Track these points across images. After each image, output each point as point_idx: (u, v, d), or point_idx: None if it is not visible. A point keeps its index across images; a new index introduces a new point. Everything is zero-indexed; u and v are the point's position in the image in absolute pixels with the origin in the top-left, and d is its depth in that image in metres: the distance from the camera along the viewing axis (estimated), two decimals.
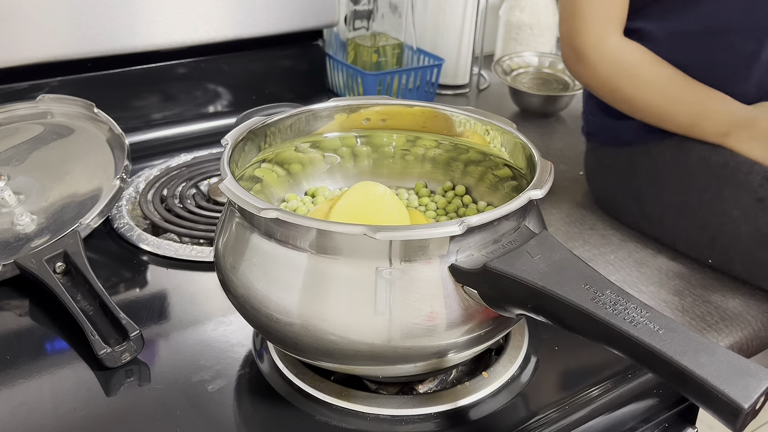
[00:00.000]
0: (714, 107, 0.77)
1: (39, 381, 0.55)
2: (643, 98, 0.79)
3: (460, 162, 0.62)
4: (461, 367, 0.56)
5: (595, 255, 0.83)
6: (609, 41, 0.79)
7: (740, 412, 0.34)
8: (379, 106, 0.61)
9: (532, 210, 0.50)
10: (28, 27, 0.83)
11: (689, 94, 0.78)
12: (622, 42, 0.80)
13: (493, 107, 1.19)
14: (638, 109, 0.81)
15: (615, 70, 0.80)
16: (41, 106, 0.81)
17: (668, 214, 0.81)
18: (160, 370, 0.56)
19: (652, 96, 0.79)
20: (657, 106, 0.79)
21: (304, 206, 0.60)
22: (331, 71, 1.12)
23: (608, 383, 0.55)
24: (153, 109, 0.96)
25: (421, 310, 0.45)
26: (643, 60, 0.79)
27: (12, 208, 0.70)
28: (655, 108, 0.79)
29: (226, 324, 0.60)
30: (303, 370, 0.54)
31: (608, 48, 0.79)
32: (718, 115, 0.77)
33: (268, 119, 0.57)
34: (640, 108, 0.80)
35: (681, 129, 0.79)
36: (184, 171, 0.85)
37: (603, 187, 0.90)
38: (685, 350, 0.36)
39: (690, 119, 0.78)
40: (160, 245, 0.71)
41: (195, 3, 0.92)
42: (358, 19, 1.09)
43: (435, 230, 0.43)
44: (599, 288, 0.41)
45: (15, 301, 0.64)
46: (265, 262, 0.47)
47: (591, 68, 0.80)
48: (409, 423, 0.51)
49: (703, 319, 0.74)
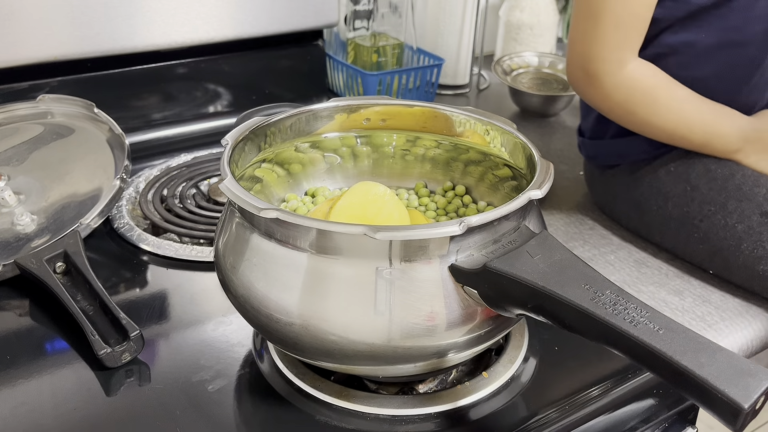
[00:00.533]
0: (725, 126, 0.77)
1: (39, 381, 0.55)
2: (657, 121, 0.77)
3: (460, 162, 0.62)
4: (461, 367, 0.56)
5: (595, 255, 0.83)
6: (627, 67, 0.76)
7: (740, 412, 0.34)
8: (379, 106, 0.61)
9: (532, 210, 0.50)
10: (28, 27, 0.83)
11: (702, 114, 0.77)
12: (639, 66, 0.77)
13: (493, 107, 1.19)
14: (651, 131, 0.79)
15: (631, 95, 0.77)
16: (41, 106, 0.81)
17: (669, 225, 0.81)
18: (160, 370, 0.56)
19: (667, 118, 0.77)
20: (672, 128, 0.78)
21: (304, 206, 0.60)
22: (331, 71, 1.12)
23: (608, 383, 0.55)
24: (153, 109, 0.96)
25: (421, 310, 0.45)
26: (659, 84, 0.77)
27: (12, 208, 0.70)
28: (669, 129, 0.78)
29: (226, 324, 0.60)
30: (303, 370, 0.54)
31: (626, 74, 0.76)
32: (729, 133, 0.77)
33: (268, 119, 0.57)
34: (654, 129, 0.79)
35: (693, 147, 0.79)
36: (184, 171, 0.85)
37: (603, 193, 0.90)
38: (685, 350, 0.36)
39: (703, 139, 0.77)
40: (160, 245, 0.71)
41: (195, 3, 0.92)
42: (358, 19, 1.09)
43: (435, 230, 0.43)
44: (599, 288, 0.41)
45: (15, 301, 0.64)
46: (265, 262, 0.47)
47: (605, 93, 0.78)
48: (409, 423, 0.51)
49: (703, 319, 0.74)
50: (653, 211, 0.82)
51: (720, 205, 0.76)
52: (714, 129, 0.77)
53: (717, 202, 0.77)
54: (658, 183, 0.82)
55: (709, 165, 0.79)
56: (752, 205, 0.74)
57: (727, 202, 0.76)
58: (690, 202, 0.79)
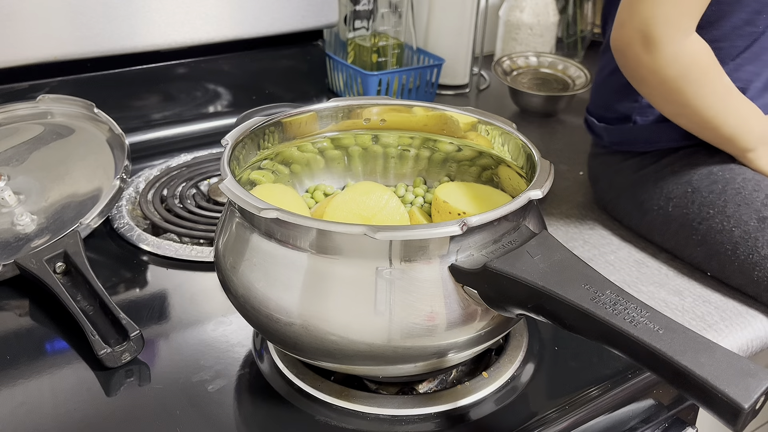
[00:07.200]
0: (754, 123, 0.76)
1: (39, 381, 0.55)
2: (700, 104, 0.73)
3: (459, 162, 0.62)
4: (461, 367, 0.56)
5: (595, 255, 0.83)
6: (690, 36, 0.70)
7: (740, 412, 0.34)
8: (379, 106, 0.61)
9: (532, 210, 0.50)
10: (28, 27, 0.83)
11: (740, 107, 0.75)
12: (697, 39, 0.72)
13: (493, 107, 1.19)
14: (688, 114, 0.75)
15: (686, 69, 0.71)
16: (41, 106, 0.81)
17: (669, 226, 0.81)
18: (160, 370, 0.56)
19: (711, 103, 0.74)
20: (709, 115, 0.74)
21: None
22: (331, 71, 1.12)
23: (608, 383, 0.55)
24: (153, 109, 0.96)
25: (421, 310, 0.45)
26: (712, 63, 0.73)
27: (12, 208, 0.70)
28: (707, 116, 0.74)
29: (226, 324, 0.60)
30: (303, 370, 0.54)
31: (688, 44, 0.70)
32: (754, 131, 0.76)
33: (268, 119, 0.57)
34: (692, 113, 0.75)
35: (716, 140, 0.77)
36: (184, 171, 0.85)
37: (606, 190, 0.90)
38: (685, 350, 0.36)
39: (731, 132, 0.76)
40: (160, 245, 0.71)
41: (195, 3, 0.92)
42: (358, 19, 1.09)
43: (435, 230, 0.43)
44: (599, 288, 0.41)
45: (15, 301, 0.64)
46: (265, 262, 0.47)
47: (661, 62, 0.71)
48: (409, 423, 0.51)
49: (703, 319, 0.74)
50: (654, 211, 0.82)
51: (719, 208, 0.76)
52: (744, 124, 0.76)
53: (716, 206, 0.76)
54: (661, 183, 0.82)
55: (712, 167, 0.79)
56: (750, 209, 0.74)
57: (726, 206, 0.76)
58: (690, 204, 0.79)
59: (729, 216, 0.75)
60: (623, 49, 0.74)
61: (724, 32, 0.76)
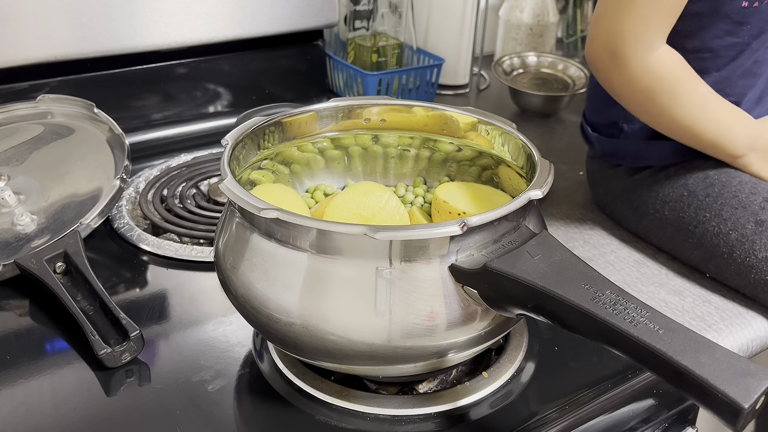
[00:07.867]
0: (738, 129, 0.76)
1: (39, 381, 0.55)
2: (676, 114, 0.74)
3: (459, 162, 0.62)
4: (461, 367, 0.56)
5: (595, 255, 0.83)
6: (657, 50, 0.72)
7: (740, 412, 0.34)
8: (379, 106, 0.61)
9: (532, 210, 0.50)
10: (28, 27, 0.83)
11: (719, 114, 0.75)
12: (667, 52, 0.73)
13: (493, 107, 1.19)
14: (666, 124, 0.76)
15: (656, 81, 0.73)
16: (41, 106, 0.81)
17: (666, 229, 0.81)
18: (160, 370, 0.56)
19: (687, 112, 0.74)
20: (687, 124, 0.75)
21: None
22: (331, 71, 1.12)
23: (608, 383, 0.55)
24: (153, 109, 0.96)
25: (421, 310, 0.45)
26: (685, 74, 0.74)
27: (12, 208, 0.70)
28: (685, 124, 0.75)
29: (226, 324, 0.60)
30: (303, 370, 0.54)
31: (655, 58, 0.72)
32: (738, 137, 0.76)
33: (268, 119, 0.57)
34: (669, 122, 0.76)
35: (701, 147, 0.77)
36: (184, 171, 0.85)
37: (604, 194, 0.90)
38: (685, 350, 0.36)
39: (714, 139, 0.76)
40: (160, 245, 0.71)
41: (195, 3, 0.92)
42: (358, 19, 1.09)
43: (435, 230, 0.43)
44: (599, 288, 0.41)
45: (15, 301, 0.64)
46: (265, 262, 0.47)
47: (629, 77, 0.73)
48: (409, 423, 0.51)
49: (703, 319, 0.74)
50: (650, 214, 0.82)
51: (715, 212, 0.76)
52: (726, 131, 0.76)
53: (713, 209, 0.76)
54: (657, 186, 0.82)
55: (708, 171, 0.78)
56: (747, 213, 0.74)
57: (723, 210, 0.75)
58: (686, 207, 0.78)
59: (725, 219, 0.75)
60: (594, 63, 0.76)
61: (706, 43, 0.76)
